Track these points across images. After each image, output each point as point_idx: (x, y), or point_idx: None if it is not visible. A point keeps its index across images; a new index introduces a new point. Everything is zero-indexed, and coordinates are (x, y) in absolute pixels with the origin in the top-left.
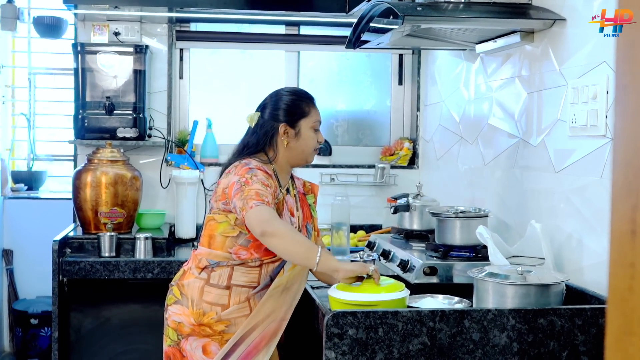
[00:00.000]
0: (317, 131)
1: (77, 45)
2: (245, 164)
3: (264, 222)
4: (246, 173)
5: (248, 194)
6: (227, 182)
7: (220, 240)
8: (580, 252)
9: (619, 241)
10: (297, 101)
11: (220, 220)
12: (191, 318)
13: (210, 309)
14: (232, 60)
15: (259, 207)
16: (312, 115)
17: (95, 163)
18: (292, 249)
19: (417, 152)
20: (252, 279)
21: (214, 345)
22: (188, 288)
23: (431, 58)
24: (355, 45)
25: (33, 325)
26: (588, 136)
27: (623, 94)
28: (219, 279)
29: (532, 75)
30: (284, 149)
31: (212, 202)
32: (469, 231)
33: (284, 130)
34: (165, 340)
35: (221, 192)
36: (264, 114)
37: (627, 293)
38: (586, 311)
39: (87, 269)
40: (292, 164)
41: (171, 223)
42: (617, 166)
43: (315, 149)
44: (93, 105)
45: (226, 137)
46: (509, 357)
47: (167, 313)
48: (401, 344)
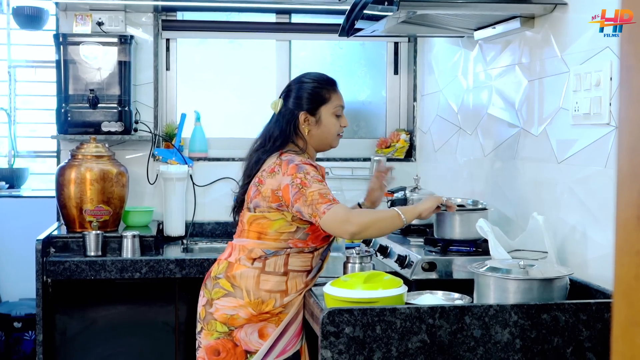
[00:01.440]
0: (340, 116)
1: (58, 36)
2: (288, 161)
3: (345, 224)
4: (297, 172)
5: (312, 199)
6: (277, 183)
7: (274, 235)
8: (585, 245)
9: (625, 229)
10: (318, 88)
11: (274, 217)
12: (249, 308)
13: (270, 296)
14: (221, 50)
15: (331, 210)
16: (333, 101)
17: (80, 159)
18: (382, 228)
19: (414, 144)
20: (306, 263)
21: (270, 327)
22: (241, 279)
23: (428, 46)
24: (349, 33)
25: (16, 329)
26: (591, 125)
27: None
28: (275, 267)
29: (532, 62)
30: (307, 137)
31: (257, 201)
32: (468, 225)
33: (304, 119)
34: (211, 334)
35: (271, 193)
36: (287, 102)
37: (634, 282)
38: (591, 306)
39: (72, 269)
40: (317, 150)
41: (159, 220)
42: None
43: (339, 134)
44: (76, 99)
45: (215, 130)
46: (511, 354)
47: (213, 307)
48: (400, 342)
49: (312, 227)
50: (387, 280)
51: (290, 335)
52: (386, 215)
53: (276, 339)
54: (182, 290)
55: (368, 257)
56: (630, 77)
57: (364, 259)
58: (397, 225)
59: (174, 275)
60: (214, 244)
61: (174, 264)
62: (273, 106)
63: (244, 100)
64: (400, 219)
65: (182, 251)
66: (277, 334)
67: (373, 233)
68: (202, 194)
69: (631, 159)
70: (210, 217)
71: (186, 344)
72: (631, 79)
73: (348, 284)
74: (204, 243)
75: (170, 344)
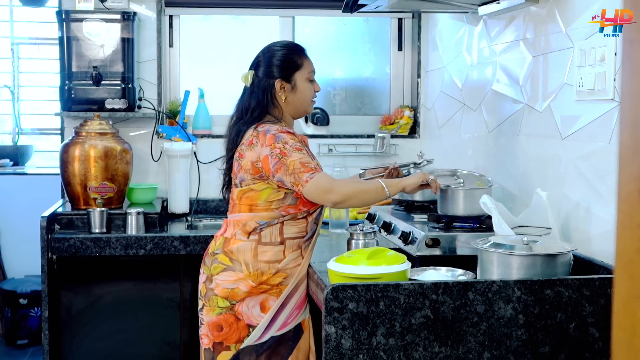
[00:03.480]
0: (313, 81)
1: (61, 13)
2: (265, 131)
3: (328, 193)
4: (275, 142)
5: (294, 167)
6: (256, 155)
7: (264, 205)
8: (588, 221)
9: (627, 202)
10: (290, 55)
11: (261, 188)
12: (249, 280)
13: (269, 267)
14: (224, 27)
15: (314, 179)
16: (306, 67)
17: (83, 136)
18: (365, 200)
19: (418, 120)
20: (301, 229)
21: (271, 299)
22: (239, 253)
23: (432, 22)
24: (353, 9)
25: (22, 306)
26: (596, 100)
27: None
28: (271, 237)
29: (537, 37)
30: (283, 104)
31: (241, 175)
32: (472, 201)
33: (280, 86)
34: (212, 310)
35: (251, 165)
36: (259, 72)
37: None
38: (594, 281)
39: (77, 246)
40: (293, 116)
41: (163, 197)
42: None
43: (313, 100)
44: (80, 76)
45: (219, 107)
46: (514, 330)
47: (213, 283)
48: (403, 318)
49: None
50: (390, 256)
51: (291, 307)
52: (370, 187)
53: (277, 312)
54: (186, 266)
55: (372, 234)
56: (632, 51)
57: (367, 235)
58: (381, 197)
59: (179, 252)
60: (218, 220)
61: (178, 241)
62: (244, 79)
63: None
64: (384, 192)
65: (186, 228)
66: (278, 306)
67: (355, 203)
68: (206, 171)
69: (633, 133)
70: (214, 194)
71: (191, 320)
72: (634, 52)
73: (352, 260)
74: (208, 220)
75: (174, 320)
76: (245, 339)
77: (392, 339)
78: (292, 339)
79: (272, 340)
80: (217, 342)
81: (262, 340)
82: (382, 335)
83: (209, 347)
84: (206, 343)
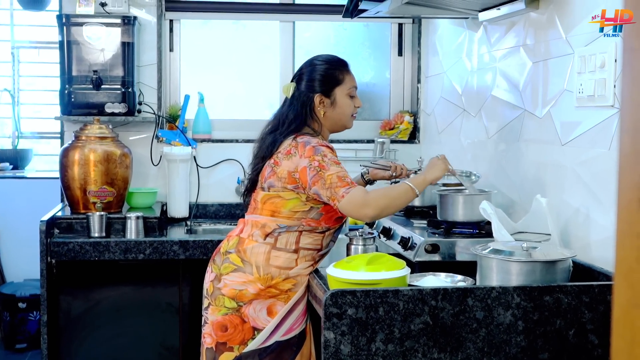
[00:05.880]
0: (354, 97)
1: (61, 17)
2: (305, 143)
3: (363, 207)
4: (314, 154)
5: (331, 182)
6: (294, 165)
7: (287, 214)
8: (588, 228)
9: (627, 211)
10: (331, 70)
11: (289, 197)
12: (258, 283)
13: (279, 273)
14: (225, 31)
15: (350, 194)
16: (347, 82)
17: (83, 140)
18: (399, 205)
19: (418, 125)
20: (317, 241)
21: (279, 304)
22: (252, 254)
23: (432, 27)
24: (353, 14)
25: (21, 309)
26: (596, 107)
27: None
28: (287, 244)
29: (537, 43)
30: (322, 119)
31: (272, 180)
32: (472, 207)
33: (320, 101)
34: (218, 310)
35: (287, 175)
36: (300, 85)
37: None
38: (594, 288)
39: (77, 250)
40: (331, 131)
41: (163, 202)
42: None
43: (353, 115)
44: (80, 80)
45: (219, 112)
46: (513, 336)
47: (221, 282)
48: (402, 324)
49: (326, 207)
50: (390, 262)
51: (297, 314)
52: (400, 191)
53: (283, 317)
54: (185, 271)
55: (371, 239)
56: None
57: (367, 241)
58: (412, 198)
59: (178, 256)
60: (218, 225)
61: (177, 245)
62: (285, 90)
63: (248, 81)
64: (413, 192)
65: (185, 232)
66: (285, 312)
67: (390, 212)
68: (205, 175)
69: (633, 141)
70: (214, 198)
71: (190, 324)
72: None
73: (351, 265)
74: (208, 224)
75: (173, 325)
76: (249, 342)
77: (391, 344)
78: (296, 345)
79: (276, 345)
80: (221, 343)
81: (267, 344)
82: (381, 341)
83: (211, 347)
84: (209, 342)
